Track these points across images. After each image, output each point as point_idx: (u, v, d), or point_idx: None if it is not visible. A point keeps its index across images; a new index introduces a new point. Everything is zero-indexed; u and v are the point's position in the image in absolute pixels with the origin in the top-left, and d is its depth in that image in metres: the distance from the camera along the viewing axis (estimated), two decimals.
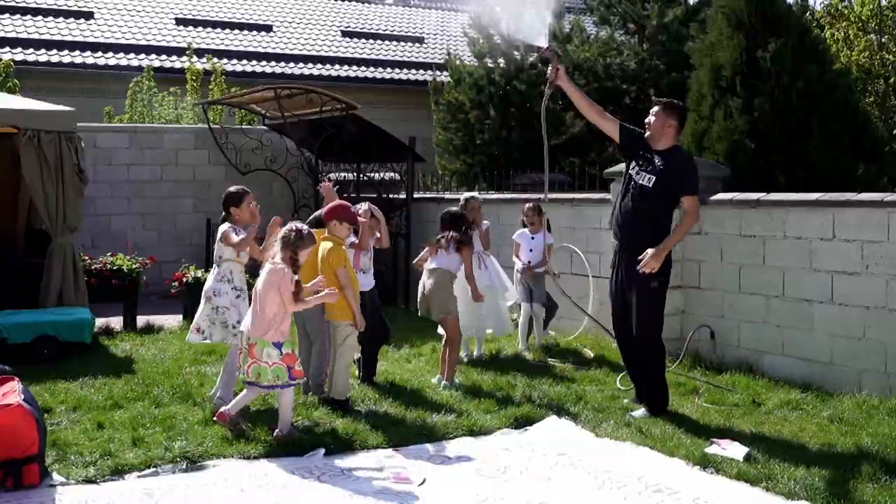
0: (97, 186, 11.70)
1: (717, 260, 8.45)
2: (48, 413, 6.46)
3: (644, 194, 6.64)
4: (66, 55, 20.10)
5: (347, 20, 26.17)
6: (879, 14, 15.04)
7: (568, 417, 6.71)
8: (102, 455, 5.69)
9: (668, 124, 6.71)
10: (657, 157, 6.66)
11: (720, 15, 10.92)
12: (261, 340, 6.05)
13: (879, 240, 7.08)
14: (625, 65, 14.94)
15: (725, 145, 10.15)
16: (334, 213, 7.04)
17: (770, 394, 7.25)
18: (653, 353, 6.81)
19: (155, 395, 7.20)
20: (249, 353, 6.10)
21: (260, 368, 6.05)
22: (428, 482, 5.42)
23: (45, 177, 9.55)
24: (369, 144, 12.70)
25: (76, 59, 20.10)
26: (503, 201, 11.61)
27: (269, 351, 6.05)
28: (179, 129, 14.55)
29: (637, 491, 5.21)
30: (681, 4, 15.12)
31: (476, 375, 8.01)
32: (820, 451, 5.73)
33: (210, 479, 5.45)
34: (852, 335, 7.30)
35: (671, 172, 6.60)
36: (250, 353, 6.09)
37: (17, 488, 5.16)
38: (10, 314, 8.94)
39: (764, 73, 10.22)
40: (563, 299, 9.47)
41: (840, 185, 8.90)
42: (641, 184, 6.66)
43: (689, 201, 6.63)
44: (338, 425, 6.37)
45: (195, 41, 21.35)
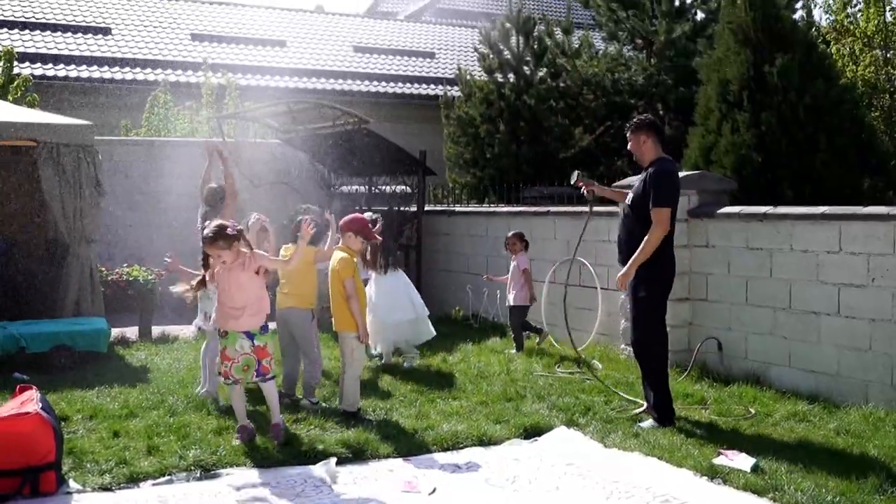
0: (114, 198, 11.74)
1: (725, 272, 8.43)
2: (65, 421, 6.48)
3: (628, 213, 6.87)
4: (84, 70, 20.22)
5: (359, 36, 26.28)
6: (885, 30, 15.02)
7: (576, 428, 6.70)
8: (118, 463, 5.71)
9: (643, 140, 6.83)
10: (643, 175, 6.82)
11: (727, 31, 10.93)
12: (232, 333, 6.12)
13: (886, 253, 7.06)
14: (633, 80, 14.94)
15: (733, 159, 10.14)
16: (351, 225, 7.07)
17: (777, 405, 7.22)
18: (647, 361, 6.83)
19: (169, 404, 7.21)
20: (224, 357, 6.17)
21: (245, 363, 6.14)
22: (438, 491, 5.42)
23: (64, 189, 9.60)
24: (381, 158, 12.73)
25: (94, 73, 20.22)
26: (512, 214, 11.62)
27: (242, 342, 6.13)
28: (195, 142, 14.61)
29: (645, 501, 5.19)
30: (688, 20, 15.13)
31: (486, 386, 7.99)
32: (826, 462, 5.69)
33: (224, 488, 5.45)
34: (859, 347, 7.28)
35: (643, 186, 6.71)
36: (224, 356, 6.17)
37: (35, 495, 5.18)
38: (28, 324, 8.98)
39: (771, 88, 10.21)
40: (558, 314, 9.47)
41: (846, 198, 8.89)
42: (627, 203, 6.90)
43: (654, 213, 6.60)
44: (349, 435, 6.37)
45: (210, 56, 21.46)
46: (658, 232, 6.58)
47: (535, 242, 10.96)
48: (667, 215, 6.59)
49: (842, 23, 15.87)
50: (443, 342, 10.18)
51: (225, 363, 6.19)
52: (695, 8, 15.55)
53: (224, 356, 6.20)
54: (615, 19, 15.78)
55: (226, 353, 6.18)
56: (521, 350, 9.79)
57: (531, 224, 11.11)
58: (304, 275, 7.47)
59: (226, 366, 6.19)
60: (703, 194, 8.75)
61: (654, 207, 6.58)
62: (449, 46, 26.96)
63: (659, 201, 6.59)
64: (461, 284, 12.19)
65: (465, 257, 12.40)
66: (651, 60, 15.24)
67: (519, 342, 9.93)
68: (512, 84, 15.72)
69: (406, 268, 12.56)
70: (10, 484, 5.16)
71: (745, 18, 10.65)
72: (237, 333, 6.15)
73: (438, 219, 13.08)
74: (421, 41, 27.10)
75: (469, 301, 12.00)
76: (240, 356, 6.15)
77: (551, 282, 10.53)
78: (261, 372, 6.22)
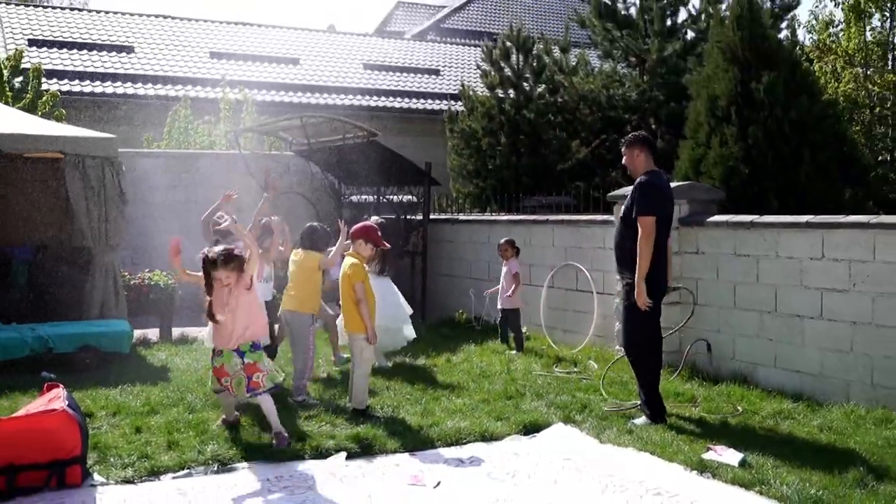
0: (136, 207, 11.76)
1: (714, 278, 8.43)
2: (90, 418, 6.48)
3: (620, 223, 6.94)
4: (108, 86, 20.28)
5: (369, 54, 26.32)
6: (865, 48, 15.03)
7: (573, 425, 6.69)
8: (140, 457, 5.71)
9: (636, 154, 6.85)
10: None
11: (716, 49, 10.94)
12: (227, 352, 6.07)
13: (866, 259, 7.06)
14: (627, 95, 14.94)
15: (721, 170, 10.14)
16: (361, 233, 7.08)
17: (763, 403, 7.21)
18: (637, 362, 6.84)
19: (189, 402, 7.21)
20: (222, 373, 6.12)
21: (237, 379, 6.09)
22: (442, 484, 5.42)
23: (89, 198, 9.62)
24: (388, 169, 12.75)
25: (118, 89, 20.28)
26: (513, 222, 11.62)
27: (235, 360, 6.07)
28: (213, 154, 14.64)
29: (638, 494, 5.19)
30: (679, 39, 15.13)
31: (487, 385, 7.99)
32: (810, 457, 5.68)
33: (240, 481, 5.45)
34: (841, 349, 7.27)
35: (630, 197, 6.73)
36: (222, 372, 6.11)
37: (61, 488, 5.18)
38: (55, 326, 8.99)
39: (757, 104, 10.21)
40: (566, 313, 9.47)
41: (829, 208, 8.88)
42: (619, 215, 6.97)
43: (639, 222, 6.60)
44: (358, 431, 6.37)
45: (228, 73, 21.51)
46: (645, 241, 6.57)
47: (535, 249, 10.97)
48: (650, 223, 6.56)
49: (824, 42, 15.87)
50: (446, 343, 10.19)
51: (224, 378, 6.12)
52: (685, 28, 15.55)
53: (221, 372, 6.12)
54: (610, 38, 15.78)
55: (223, 369, 6.11)
56: (521, 350, 9.80)
57: (531, 232, 11.12)
58: (306, 279, 7.51)
59: (225, 381, 6.13)
60: (694, 204, 8.75)
61: (638, 216, 6.59)
62: (453, 64, 27.00)
63: (641, 210, 6.59)
64: (464, 289, 12.20)
65: (468, 263, 12.40)
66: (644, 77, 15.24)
67: (519, 341, 9.94)
68: (512, 99, 15.74)
69: (412, 272, 12.61)
70: (39, 477, 5.16)
71: (732, 38, 10.66)
72: (231, 352, 6.09)
73: (443, 227, 13.09)
74: (426, 59, 27.14)
75: (472, 304, 12.00)
76: (234, 374, 6.09)
77: (549, 286, 10.53)
78: (250, 388, 6.11)
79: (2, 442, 5.09)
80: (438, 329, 11.45)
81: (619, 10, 15.83)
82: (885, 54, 15.27)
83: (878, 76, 14.71)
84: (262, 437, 6.20)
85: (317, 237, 7.71)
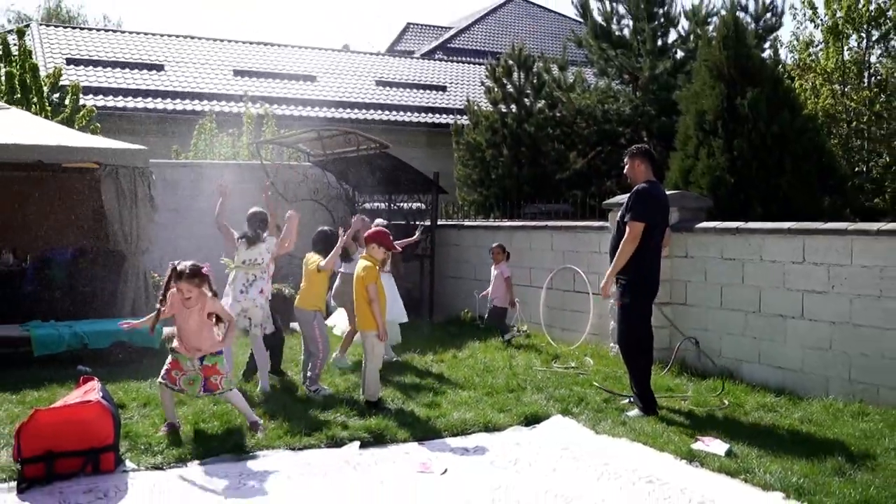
0: (165, 214, 11.77)
1: (702, 280, 8.41)
2: (122, 409, 6.49)
3: (616, 228, 6.92)
4: (140, 102, 20.33)
5: (381, 72, 26.35)
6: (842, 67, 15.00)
7: (571, 417, 6.69)
8: (168, 445, 5.72)
9: (637, 165, 6.86)
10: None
11: (704, 67, 10.93)
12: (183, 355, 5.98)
13: (844, 263, 7.04)
14: (621, 110, 14.91)
15: (709, 180, 10.12)
16: (374, 238, 7.08)
17: (748, 397, 7.20)
18: (629, 359, 6.84)
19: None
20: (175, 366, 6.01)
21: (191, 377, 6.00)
22: (449, 472, 5.42)
23: (122, 205, 9.66)
24: (399, 178, 12.76)
25: (149, 105, 20.32)
26: (514, 228, 11.62)
27: (193, 361, 5.97)
28: (236, 164, 14.65)
29: (631, 481, 5.18)
30: (670, 58, 15.10)
31: (491, 379, 7.98)
32: (792, 447, 5.67)
33: (260, 467, 5.46)
34: (820, 346, 7.25)
35: (626, 203, 6.74)
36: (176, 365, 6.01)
37: (96, 473, 5.20)
38: (90, 323, 9.02)
39: (742, 118, 10.19)
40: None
41: (809, 215, 8.87)
42: (617, 220, 6.94)
43: (628, 226, 6.62)
44: (371, 422, 6.37)
45: (250, 90, 21.54)
46: (628, 242, 6.57)
47: (535, 253, 10.97)
48: (639, 229, 6.57)
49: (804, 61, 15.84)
50: (453, 341, 10.19)
51: (175, 371, 5.99)
52: (675, 47, 15.53)
53: (175, 364, 5.99)
54: (605, 57, 15.76)
55: (178, 363, 5.98)
56: (506, 335, 10.08)
57: (531, 237, 11.11)
58: (311, 280, 7.53)
59: (175, 373, 5.99)
60: (683, 211, 8.74)
61: (629, 221, 6.61)
62: (459, 81, 26.99)
63: (633, 215, 6.60)
64: (469, 290, 12.18)
65: (473, 266, 12.39)
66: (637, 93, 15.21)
67: (503, 330, 10.25)
68: (514, 114, 15.73)
69: (420, 275, 12.60)
70: (75, 463, 5.18)
71: (719, 57, 10.65)
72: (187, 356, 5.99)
73: (449, 232, 13.08)
74: (434, 76, 27.15)
75: (476, 304, 11.98)
76: (188, 371, 5.97)
77: (549, 287, 10.52)
78: (208, 388, 6.00)
79: (41, 431, 5.11)
80: (445, 327, 11.44)
81: (614, 31, 15.81)
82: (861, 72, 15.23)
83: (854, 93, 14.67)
84: (281, 428, 6.20)
85: (320, 240, 7.72)
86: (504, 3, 38.00)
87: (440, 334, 10.73)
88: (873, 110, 14.37)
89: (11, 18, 44.62)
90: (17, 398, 7.01)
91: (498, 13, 37.32)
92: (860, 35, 15.28)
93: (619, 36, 15.74)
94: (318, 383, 7.41)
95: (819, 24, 15.78)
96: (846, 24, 15.04)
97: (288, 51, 26.78)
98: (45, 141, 9.54)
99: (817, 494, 4.78)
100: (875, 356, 6.83)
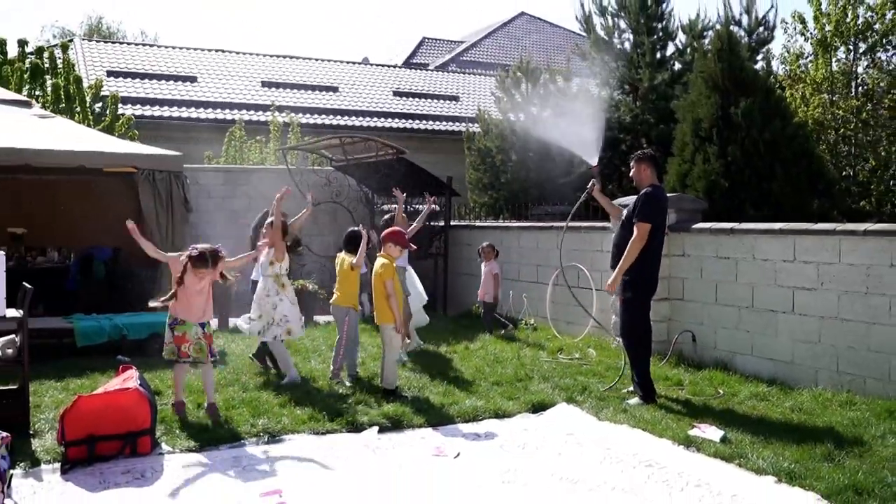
0: (199, 215, 11.81)
1: (698, 277, 8.37)
2: (158, 395, 6.51)
3: (621, 227, 6.86)
4: (175, 111, 20.39)
5: (398, 83, 26.34)
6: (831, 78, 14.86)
7: (575, 405, 6.66)
8: (200, 430, 5.74)
9: (643, 169, 6.83)
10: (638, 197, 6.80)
11: (699, 78, 10.87)
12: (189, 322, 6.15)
13: (832, 262, 6.99)
14: (622, 118, 14.83)
15: (704, 184, 10.06)
16: (391, 237, 7.08)
17: (742, 387, 7.15)
18: (632, 350, 6.80)
19: (243, 382, 7.24)
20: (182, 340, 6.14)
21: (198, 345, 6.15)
22: (462, 455, 5.41)
23: (158, 207, 9.69)
24: (415, 182, 12.74)
25: (183, 113, 20.38)
26: (522, 228, 11.59)
27: (197, 329, 6.17)
28: (264, 169, 14.69)
29: (632, 465, 5.15)
30: (668, 70, 15.00)
31: (500, 369, 7.97)
32: (783, 434, 5.63)
33: (287, 450, 5.47)
34: (810, 340, 7.20)
35: (634, 205, 6.70)
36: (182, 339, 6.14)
37: (134, 455, 5.23)
38: (129, 316, 9.06)
39: (735, 126, 10.13)
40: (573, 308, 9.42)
41: (799, 217, 8.81)
42: (622, 219, 6.89)
43: (636, 226, 6.58)
44: (388, 409, 6.37)
45: (277, 100, 21.58)
46: (636, 242, 6.54)
47: (541, 251, 10.93)
48: (646, 230, 6.55)
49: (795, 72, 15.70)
50: (465, 333, 10.18)
51: (183, 345, 6.13)
52: (673, 60, 15.43)
53: (182, 339, 6.13)
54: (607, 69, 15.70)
55: (185, 336, 6.13)
56: (491, 334, 10.16)
57: (538, 237, 11.08)
58: (343, 278, 7.51)
59: (184, 347, 6.13)
60: (680, 212, 8.69)
61: (637, 221, 6.56)
62: (471, 91, 26.94)
63: (641, 217, 6.57)
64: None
65: None
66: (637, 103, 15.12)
67: (489, 328, 10.40)
68: (522, 122, 15.70)
69: (435, 272, 12.59)
70: (115, 446, 5.21)
71: (714, 68, 10.59)
72: (193, 324, 6.15)
73: (462, 232, 13.06)
74: (448, 87, 27.11)
75: None
76: (195, 341, 6.14)
77: (555, 284, 10.48)
78: (213, 353, 6.26)
79: (83, 416, 5.14)
80: (458, 321, 11.43)
81: (615, 45, 15.73)
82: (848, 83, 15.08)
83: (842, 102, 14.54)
84: (305, 414, 6.20)
85: (349, 240, 7.71)
86: (513, 19, 37.93)
87: (453, 327, 10.72)
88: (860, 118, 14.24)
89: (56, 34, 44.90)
90: (60, 385, 7.05)
91: (507, 28, 37.25)
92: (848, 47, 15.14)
93: (620, 49, 15.67)
94: (338, 375, 7.41)
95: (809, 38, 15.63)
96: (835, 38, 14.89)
97: (312, 63, 26.81)
98: (87, 147, 9.58)
99: (807, 479, 4.74)
100: (862, 349, 6.77)
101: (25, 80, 15.08)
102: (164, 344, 6.24)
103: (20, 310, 5.79)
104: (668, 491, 4.71)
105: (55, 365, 7.73)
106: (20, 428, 5.50)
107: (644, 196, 6.67)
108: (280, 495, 4.61)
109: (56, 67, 15.68)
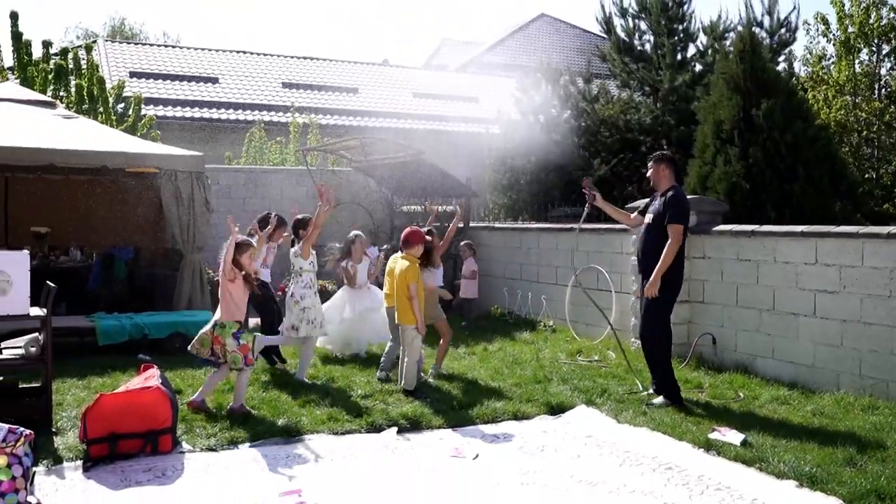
0: (219, 215, 11.88)
1: (719, 280, 8.31)
2: (179, 394, 6.54)
3: (649, 229, 6.78)
4: (196, 111, 20.56)
5: (417, 84, 26.40)
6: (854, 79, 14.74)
7: (594, 407, 6.63)
8: (221, 429, 5.77)
9: (662, 170, 6.80)
10: (658, 199, 6.77)
11: (721, 80, 10.80)
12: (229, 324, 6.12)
13: (855, 265, 6.91)
14: (642, 120, 14.77)
15: (725, 186, 10.00)
16: (412, 238, 7.07)
17: (762, 390, 7.09)
18: (655, 352, 6.76)
19: (263, 382, 7.27)
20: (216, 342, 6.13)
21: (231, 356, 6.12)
22: (480, 457, 5.40)
23: (179, 206, 9.75)
24: (434, 183, 12.75)
25: (204, 114, 20.55)
26: (542, 230, 11.56)
27: (230, 341, 6.10)
28: (284, 170, 14.76)
29: (651, 468, 5.12)
30: (688, 71, 14.94)
31: (519, 371, 7.95)
32: (805, 438, 5.57)
33: (306, 450, 5.48)
34: (832, 343, 7.13)
35: (662, 207, 6.64)
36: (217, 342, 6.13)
37: (155, 453, 5.26)
38: (150, 315, 9.12)
39: (757, 128, 10.07)
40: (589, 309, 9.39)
41: (821, 219, 8.74)
42: (648, 222, 6.81)
43: (670, 229, 6.54)
44: (407, 409, 6.37)
45: (297, 101, 21.68)
46: (674, 244, 6.53)
47: (561, 253, 10.90)
48: (680, 231, 6.56)
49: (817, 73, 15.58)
50: (483, 334, 10.16)
51: (216, 346, 6.12)
52: (694, 61, 15.36)
53: (217, 340, 6.12)
54: (627, 70, 15.64)
55: (221, 339, 6.11)
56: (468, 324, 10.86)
57: (557, 238, 11.05)
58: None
59: (217, 348, 6.12)
60: (701, 215, 8.63)
61: (670, 224, 6.53)
62: (490, 93, 26.91)
63: (674, 219, 6.55)
64: (499, 287, 12.16)
65: (502, 265, 12.35)
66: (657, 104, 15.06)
67: (468, 319, 11.17)
68: (541, 123, 15.67)
69: (454, 273, 12.58)
70: (136, 444, 5.24)
71: (735, 70, 10.52)
72: (229, 330, 6.11)
73: (481, 233, 13.05)
74: (467, 89, 27.12)
75: (505, 301, 11.96)
76: (230, 351, 6.10)
77: (574, 285, 10.45)
78: (247, 363, 6.17)
79: (105, 414, 5.17)
80: (476, 321, 11.42)
81: (636, 46, 15.68)
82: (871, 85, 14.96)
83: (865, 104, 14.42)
84: (325, 414, 6.21)
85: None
86: (533, 21, 37.85)
87: (472, 328, 10.71)
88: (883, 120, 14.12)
89: (80, 35, 45.36)
90: (83, 384, 7.11)
91: (527, 30, 37.18)
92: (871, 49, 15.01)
93: (640, 50, 15.61)
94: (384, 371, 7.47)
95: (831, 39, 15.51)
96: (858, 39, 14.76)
97: (332, 65, 26.92)
98: (110, 147, 9.67)
99: (829, 483, 4.69)
100: (884, 353, 6.69)
101: (50, 80, 15.25)
102: (228, 352, 6.10)
103: (44, 308, 5.84)
104: (689, 494, 4.68)
105: (77, 363, 7.80)
106: (43, 425, 5.56)
107: (673, 198, 6.64)
108: (299, 495, 4.62)
109: (80, 68, 15.84)
